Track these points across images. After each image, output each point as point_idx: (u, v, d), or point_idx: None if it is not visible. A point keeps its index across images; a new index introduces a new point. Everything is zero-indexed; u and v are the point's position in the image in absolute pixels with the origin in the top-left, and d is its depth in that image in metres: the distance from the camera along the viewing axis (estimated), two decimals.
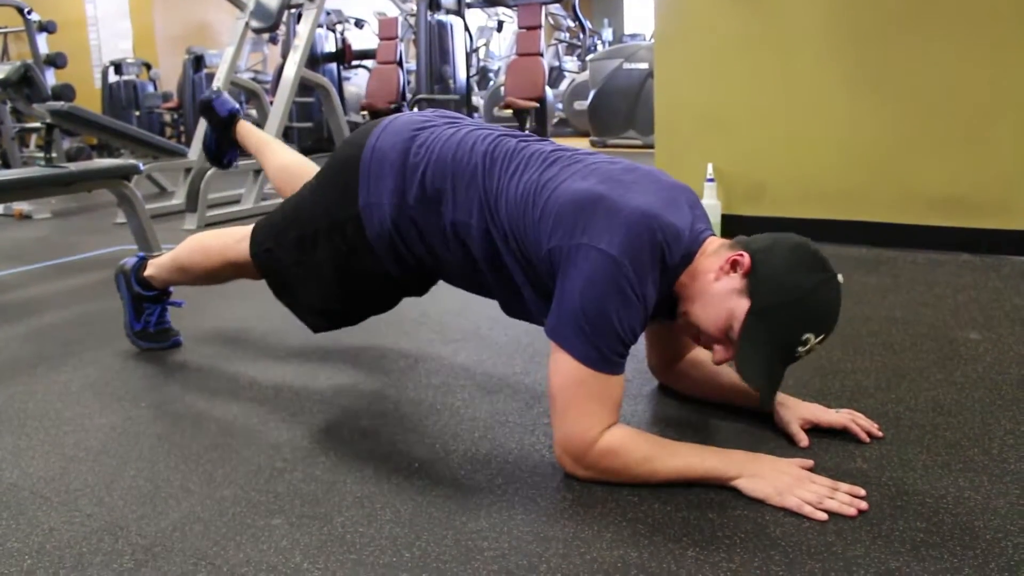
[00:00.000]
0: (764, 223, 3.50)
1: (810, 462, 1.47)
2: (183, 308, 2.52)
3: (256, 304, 2.80)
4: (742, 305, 1.41)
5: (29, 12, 7.33)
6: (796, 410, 1.66)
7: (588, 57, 8.34)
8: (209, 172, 4.39)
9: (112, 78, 9.52)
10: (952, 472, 1.48)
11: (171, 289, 2.35)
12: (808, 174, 3.45)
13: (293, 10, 6.74)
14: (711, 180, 3.46)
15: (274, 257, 1.88)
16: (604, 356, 1.39)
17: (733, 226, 3.51)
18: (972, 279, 2.88)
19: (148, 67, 9.84)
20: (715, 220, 3.48)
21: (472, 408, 1.87)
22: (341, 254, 1.76)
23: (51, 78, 7.30)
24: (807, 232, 3.35)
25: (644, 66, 7.37)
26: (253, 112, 8.23)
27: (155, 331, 2.36)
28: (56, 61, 7.39)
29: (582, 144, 7.91)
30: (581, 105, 8.36)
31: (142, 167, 3.65)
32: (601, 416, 1.42)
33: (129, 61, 9.70)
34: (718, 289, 1.44)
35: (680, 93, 3.63)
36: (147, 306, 2.33)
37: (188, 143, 8.76)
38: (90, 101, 9.16)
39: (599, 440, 1.41)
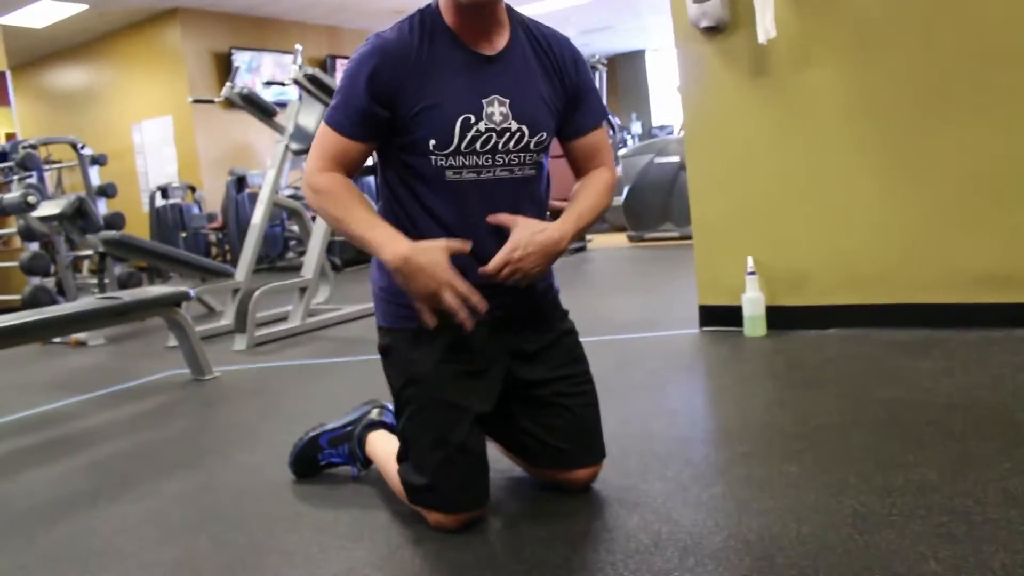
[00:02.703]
0: (809, 312, 3.50)
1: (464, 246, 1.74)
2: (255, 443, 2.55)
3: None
4: None
5: (82, 147, 7.66)
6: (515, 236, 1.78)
7: (620, 153, 8.47)
8: (257, 293, 4.48)
9: (159, 202, 9.84)
10: None
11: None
12: (849, 259, 3.44)
13: None
14: (752, 273, 3.46)
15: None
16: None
17: (779, 318, 3.49)
18: None
19: (193, 189, 10.17)
20: (759, 313, 3.47)
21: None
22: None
23: (103, 207, 7.57)
24: (855, 320, 3.37)
25: (675, 159, 7.46)
26: (295, 228, 8.44)
27: (322, 465, 2.29)
28: (107, 191, 7.68)
29: (619, 240, 7.97)
30: (616, 201, 8.44)
31: (192, 294, 3.75)
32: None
33: (175, 185, 10.04)
34: None
35: (714, 188, 3.67)
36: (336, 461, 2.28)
37: (233, 261, 8.99)
38: (139, 225, 9.49)
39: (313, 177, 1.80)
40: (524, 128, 1.82)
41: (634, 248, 7.64)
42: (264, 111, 5.37)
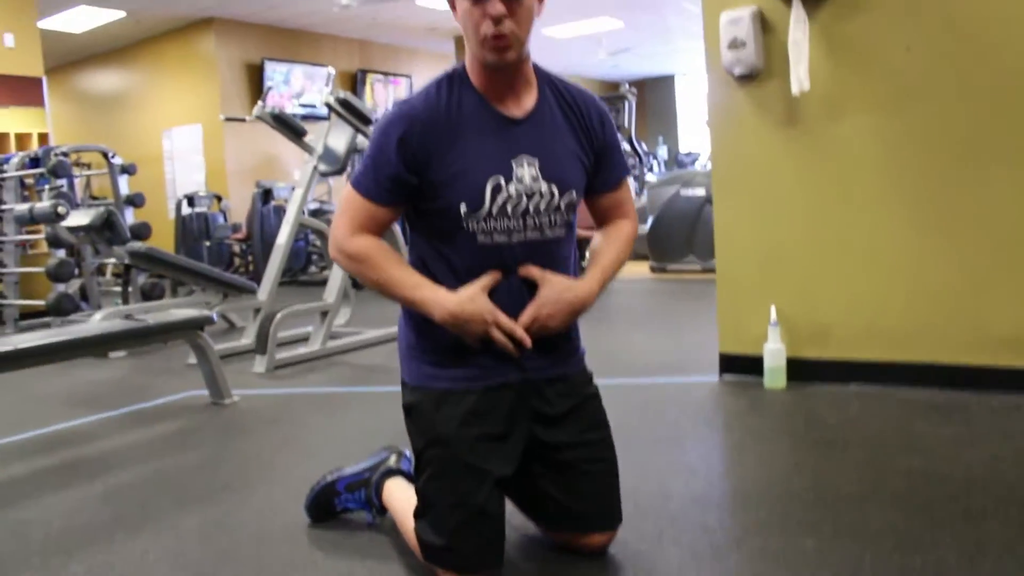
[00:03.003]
0: (830, 366, 3.48)
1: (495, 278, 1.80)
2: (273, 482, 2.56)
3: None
4: None
5: (113, 156, 7.73)
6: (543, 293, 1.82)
7: (647, 177, 8.46)
8: (279, 316, 4.51)
9: (185, 210, 9.92)
10: None
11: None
12: (873, 315, 3.42)
13: (359, 154, 7.00)
14: (775, 324, 3.44)
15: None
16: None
17: (799, 370, 3.47)
18: None
19: (219, 199, 10.24)
20: (780, 365, 3.45)
21: None
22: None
23: (130, 216, 7.64)
24: (876, 376, 3.34)
25: (701, 192, 7.45)
26: (318, 243, 8.47)
27: (338, 510, 2.30)
28: (135, 201, 7.76)
29: (641, 269, 7.96)
30: (641, 229, 8.44)
31: (215, 317, 3.78)
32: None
33: (201, 194, 10.12)
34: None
35: (740, 235, 3.66)
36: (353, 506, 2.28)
37: (256, 273, 9.06)
38: (164, 232, 9.57)
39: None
40: (554, 188, 1.83)
41: (656, 280, 7.63)
42: (294, 131, 5.41)
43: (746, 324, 3.61)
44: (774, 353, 3.46)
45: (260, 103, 5.36)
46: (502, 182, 1.78)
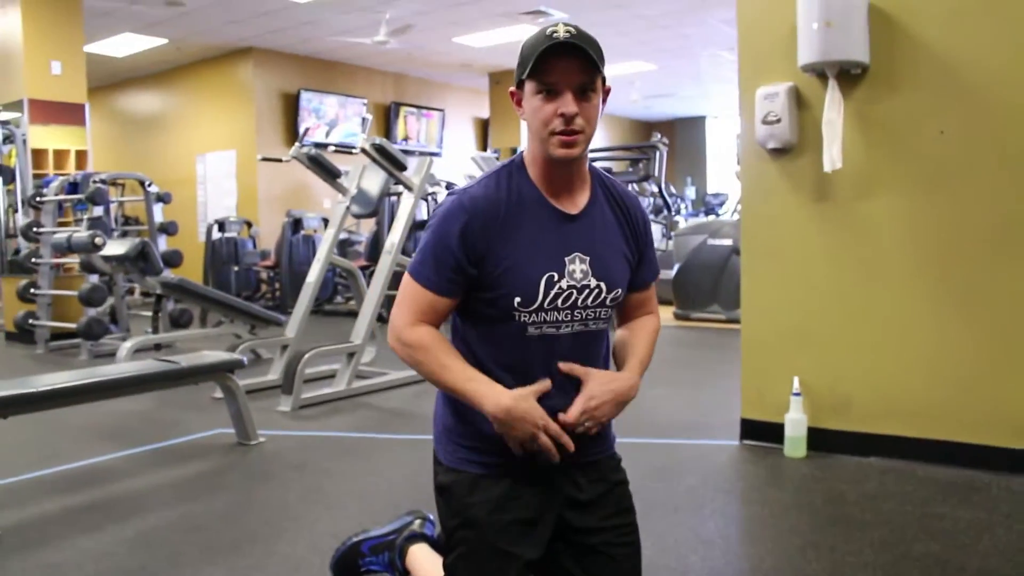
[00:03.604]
0: (850, 438, 3.50)
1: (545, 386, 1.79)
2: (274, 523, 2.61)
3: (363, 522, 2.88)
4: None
5: (149, 184, 7.89)
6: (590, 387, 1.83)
7: (675, 221, 8.47)
8: (306, 356, 4.58)
9: (215, 235, 10.07)
10: None
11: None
12: (895, 390, 3.45)
13: (391, 197, 7.10)
14: (797, 394, 3.48)
15: None
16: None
17: (819, 441, 3.50)
18: None
19: (249, 225, 10.39)
20: (801, 435, 3.48)
21: None
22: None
23: (163, 243, 7.77)
24: (896, 450, 3.37)
25: (728, 242, 7.49)
26: (344, 276, 8.57)
27: (362, 571, 2.34)
28: (168, 229, 7.89)
29: (664, 315, 7.97)
30: (666, 275, 8.47)
31: (245, 361, 3.85)
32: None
33: (232, 219, 10.27)
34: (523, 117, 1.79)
35: (768, 304, 3.70)
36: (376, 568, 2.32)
37: (283, 300, 9.17)
38: (194, 256, 9.71)
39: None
40: (602, 285, 1.87)
41: (679, 328, 7.66)
42: (329, 173, 5.51)
43: (769, 391, 3.64)
44: (795, 423, 3.49)
45: (297, 144, 5.47)
46: (556, 277, 1.82)
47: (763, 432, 3.67)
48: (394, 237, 5.20)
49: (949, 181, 3.30)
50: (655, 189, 9.38)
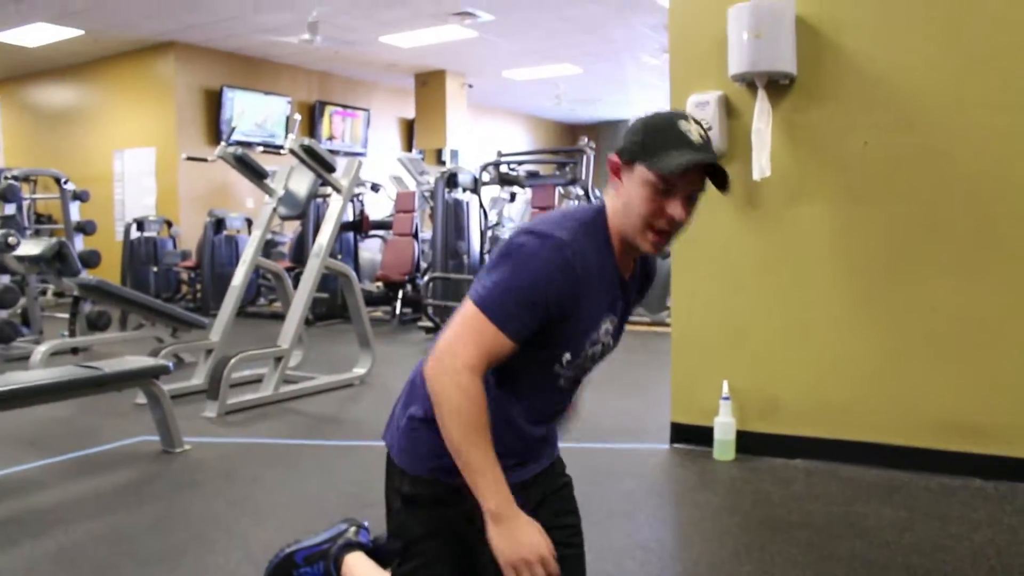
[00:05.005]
0: (777, 441, 3.59)
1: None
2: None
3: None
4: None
5: (66, 182, 7.64)
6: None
7: None
8: (232, 361, 4.49)
9: (134, 234, 9.80)
10: None
11: None
12: (820, 393, 3.55)
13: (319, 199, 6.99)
14: (727, 398, 3.55)
15: None
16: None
17: (748, 444, 3.58)
18: (987, 513, 2.93)
19: (169, 224, 10.13)
20: (729, 438, 3.56)
21: None
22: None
23: (79, 242, 7.53)
24: (821, 452, 3.46)
25: None
26: (269, 278, 8.43)
27: None
28: (86, 228, 7.65)
29: None
30: None
31: (172, 367, 3.76)
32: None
33: (151, 219, 10.00)
34: (619, 191, 1.69)
35: (698, 309, 3.77)
36: None
37: (204, 302, 8.96)
38: (111, 255, 9.40)
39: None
40: (611, 342, 1.89)
41: None
42: (257, 174, 5.42)
43: (699, 396, 3.71)
44: (724, 427, 3.56)
45: (223, 143, 5.36)
46: (596, 336, 1.82)
47: (693, 436, 3.73)
48: (322, 240, 5.13)
49: (870, 191, 3.41)
50: (581, 192, 9.46)
